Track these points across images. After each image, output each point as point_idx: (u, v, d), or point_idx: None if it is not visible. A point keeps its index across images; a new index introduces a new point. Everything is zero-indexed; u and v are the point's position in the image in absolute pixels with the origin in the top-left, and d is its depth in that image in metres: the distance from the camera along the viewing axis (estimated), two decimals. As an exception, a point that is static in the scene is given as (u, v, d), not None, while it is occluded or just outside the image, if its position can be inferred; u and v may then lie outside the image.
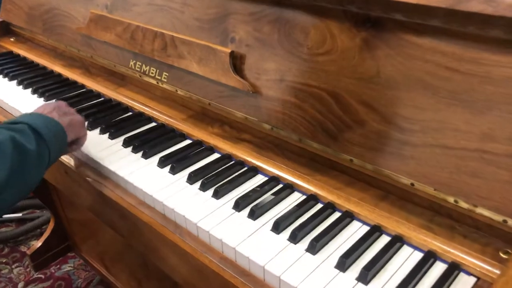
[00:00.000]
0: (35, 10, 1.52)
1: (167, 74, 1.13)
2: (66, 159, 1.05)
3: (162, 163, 0.96)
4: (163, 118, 1.12)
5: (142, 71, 1.18)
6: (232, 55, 0.97)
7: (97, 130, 1.10)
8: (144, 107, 1.18)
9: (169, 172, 0.94)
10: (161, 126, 1.11)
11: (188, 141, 1.05)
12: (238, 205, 0.83)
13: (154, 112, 1.15)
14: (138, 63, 1.19)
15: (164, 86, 1.15)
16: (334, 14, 0.83)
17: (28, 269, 2.07)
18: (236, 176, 0.91)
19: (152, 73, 1.16)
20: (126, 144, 1.04)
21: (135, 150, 1.02)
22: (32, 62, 1.51)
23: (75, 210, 1.73)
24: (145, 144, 1.03)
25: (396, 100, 0.77)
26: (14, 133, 0.76)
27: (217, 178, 0.90)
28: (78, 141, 0.97)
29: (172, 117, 1.12)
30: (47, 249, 1.99)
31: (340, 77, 0.83)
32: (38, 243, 1.96)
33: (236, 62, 0.98)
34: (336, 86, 0.83)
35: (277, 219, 0.78)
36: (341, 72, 0.83)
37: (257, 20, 0.95)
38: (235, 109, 1.00)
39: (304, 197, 0.85)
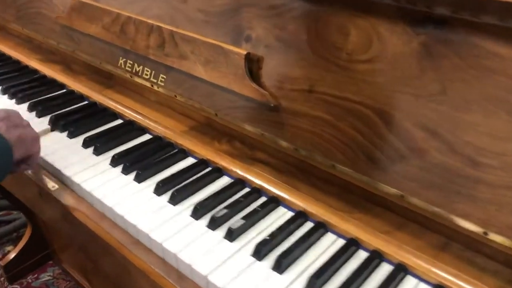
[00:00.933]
0: (7, -6, 1.31)
1: (164, 76, 0.94)
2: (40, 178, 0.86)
3: (159, 189, 0.78)
4: (159, 129, 0.94)
5: (133, 71, 0.99)
6: (248, 57, 0.79)
7: (80, 142, 0.91)
8: (136, 115, 0.99)
9: (169, 201, 0.76)
10: (157, 139, 0.92)
11: (190, 160, 0.87)
12: (260, 252, 0.65)
13: (148, 121, 0.96)
14: (129, 61, 1.00)
15: (161, 90, 0.96)
16: (383, 11, 0.65)
17: (2, 279, 1.88)
18: (254, 210, 0.73)
19: (146, 74, 0.97)
20: (114, 162, 0.85)
21: (125, 171, 0.83)
22: (3, 54, 1.30)
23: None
24: (137, 163, 0.84)
25: (467, 126, 0.60)
26: None
27: (230, 212, 0.73)
28: (29, 159, 0.81)
29: (170, 128, 0.94)
30: (23, 259, 1.79)
31: (390, 91, 0.65)
32: (12, 254, 1.77)
33: (253, 66, 0.80)
34: (385, 103, 0.66)
35: (313, 275, 0.61)
36: (392, 86, 0.65)
37: (280, 16, 0.76)
38: (249, 123, 0.81)
39: (343, 241, 0.68)
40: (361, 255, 0.67)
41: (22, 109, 1.03)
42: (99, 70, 1.13)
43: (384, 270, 0.64)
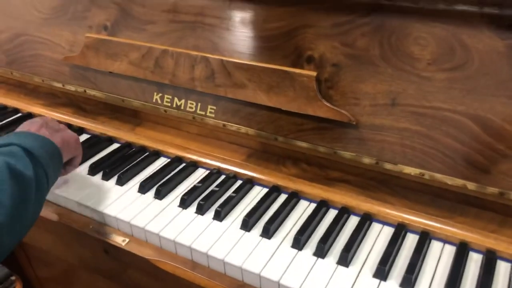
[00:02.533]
0: (-10, 38, 1.19)
1: (214, 107, 0.90)
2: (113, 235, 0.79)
3: (246, 225, 0.75)
4: (215, 163, 0.90)
5: (174, 105, 0.94)
6: (318, 78, 0.78)
7: (134, 188, 0.86)
8: (179, 151, 0.94)
9: (261, 235, 0.74)
10: (215, 173, 0.89)
11: (260, 189, 0.84)
12: (383, 273, 0.65)
13: (198, 156, 0.92)
14: (167, 96, 0.95)
15: (207, 121, 0.92)
16: (464, 19, 0.67)
17: None
18: (354, 232, 0.73)
19: (190, 107, 0.92)
20: (183, 204, 0.81)
21: (201, 211, 0.79)
22: (-4, 104, 1.19)
23: (48, 265, 1.41)
24: (208, 201, 0.80)
25: None
26: (7, 158, 0.64)
27: (328, 236, 0.72)
28: (73, 161, 0.84)
29: (227, 159, 0.90)
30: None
31: (482, 96, 0.68)
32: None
33: (321, 87, 0.79)
34: (479, 108, 0.68)
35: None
36: (483, 91, 0.68)
37: (346, 33, 0.76)
38: (325, 145, 0.81)
39: (452, 247, 0.69)
40: (475, 257, 0.69)
41: (49, 161, 0.94)
42: (120, 109, 1.06)
43: (503, 268, 0.66)
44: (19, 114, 1.14)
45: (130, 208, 0.80)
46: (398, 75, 0.73)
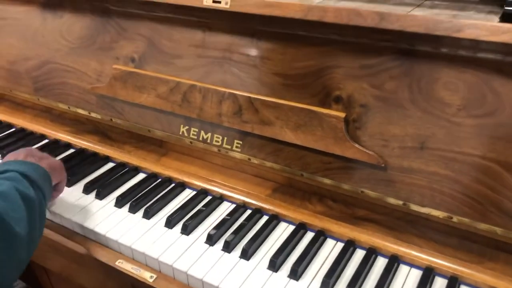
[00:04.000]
0: (18, 65, 1.22)
1: (240, 142, 0.91)
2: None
3: (273, 265, 0.76)
4: (240, 197, 0.91)
5: (200, 138, 0.96)
6: (346, 119, 0.79)
7: (159, 222, 0.87)
8: (205, 183, 0.95)
9: (289, 276, 0.74)
10: (240, 207, 0.89)
11: (286, 226, 0.85)
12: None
13: (224, 189, 0.93)
14: (193, 129, 0.96)
15: (232, 154, 0.94)
16: (493, 67, 0.68)
17: None
18: (382, 275, 0.73)
19: (216, 141, 0.94)
20: (210, 241, 0.82)
21: (227, 249, 0.80)
22: (24, 129, 1.21)
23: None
24: (234, 238, 0.81)
25: None
26: (13, 182, 0.69)
27: (357, 279, 0.72)
28: (58, 186, 0.87)
29: (252, 193, 0.91)
30: None
31: (514, 144, 0.68)
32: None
33: (349, 127, 0.79)
34: (509, 155, 0.68)
35: None
36: (514, 138, 0.68)
37: (374, 75, 0.77)
38: (352, 184, 0.81)
39: (484, 295, 0.69)
40: (505, 305, 0.68)
41: (77, 190, 0.96)
42: (146, 138, 1.08)
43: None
44: (46, 141, 1.16)
45: (158, 244, 0.81)
46: (428, 119, 0.73)
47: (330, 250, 0.79)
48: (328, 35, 0.79)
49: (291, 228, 0.84)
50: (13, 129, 1.22)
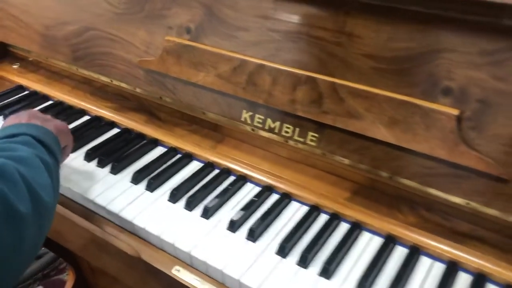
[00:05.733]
0: (55, 30, 1.09)
1: (315, 135, 0.77)
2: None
3: (362, 288, 0.64)
4: (312, 197, 0.78)
5: (266, 127, 0.82)
6: (459, 117, 0.64)
7: (222, 225, 0.75)
8: (270, 179, 0.82)
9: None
10: (314, 211, 0.77)
11: (369, 237, 0.72)
12: None
13: (291, 188, 0.80)
14: (258, 116, 0.83)
15: (302, 146, 0.80)
16: None
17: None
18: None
19: (286, 132, 0.80)
20: (282, 253, 0.70)
21: (304, 264, 0.68)
22: (62, 103, 1.10)
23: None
24: (313, 251, 0.69)
25: None
26: (30, 148, 0.64)
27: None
28: (65, 150, 0.80)
29: (326, 195, 0.78)
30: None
31: None
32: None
33: (461, 126, 0.65)
34: None
35: None
36: None
37: (498, 64, 0.61)
38: (460, 195, 0.67)
39: None
40: None
41: (124, 179, 0.85)
42: (200, 120, 0.95)
43: None
44: (87, 117, 1.05)
45: (220, 249, 0.70)
46: None
47: (426, 271, 0.67)
48: (438, 9, 0.64)
49: (377, 240, 0.72)
50: (51, 102, 1.11)
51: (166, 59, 0.89)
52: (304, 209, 0.78)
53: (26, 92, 1.15)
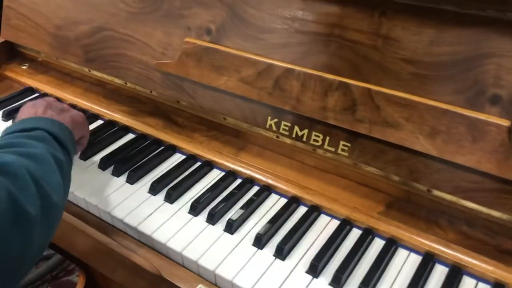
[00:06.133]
0: (66, 30, 1.05)
1: (347, 144, 0.72)
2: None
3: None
4: (343, 211, 0.73)
5: (294, 135, 0.77)
6: (510, 129, 0.59)
7: (247, 241, 0.70)
8: (296, 190, 0.77)
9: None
10: (346, 225, 0.72)
11: (406, 254, 0.68)
12: None
13: (319, 200, 0.75)
14: (285, 123, 0.78)
15: (331, 156, 0.75)
16: None
17: None
18: None
19: (315, 140, 0.75)
20: (314, 272, 0.65)
21: (338, 285, 0.63)
22: (73, 106, 1.05)
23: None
24: (346, 268, 0.64)
25: None
26: (45, 144, 0.64)
27: None
28: (81, 141, 0.81)
29: (359, 208, 0.73)
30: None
31: None
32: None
33: (511, 137, 0.60)
34: None
35: None
36: None
37: (556, 70, 0.56)
38: (508, 213, 0.62)
39: None
40: None
41: (142, 190, 0.80)
42: (220, 126, 0.90)
43: None
44: (101, 122, 1.00)
45: (246, 268, 0.65)
46: None
47: (473, 294, 0.62)
48: (486, 10, 0.58)
49: (415, 258, 0.67)
50: (62, 105, 1.06)
51: (186, 62, 0.84)
52: (335, 223, 0.73)
53: (35, 95, 1.10)
